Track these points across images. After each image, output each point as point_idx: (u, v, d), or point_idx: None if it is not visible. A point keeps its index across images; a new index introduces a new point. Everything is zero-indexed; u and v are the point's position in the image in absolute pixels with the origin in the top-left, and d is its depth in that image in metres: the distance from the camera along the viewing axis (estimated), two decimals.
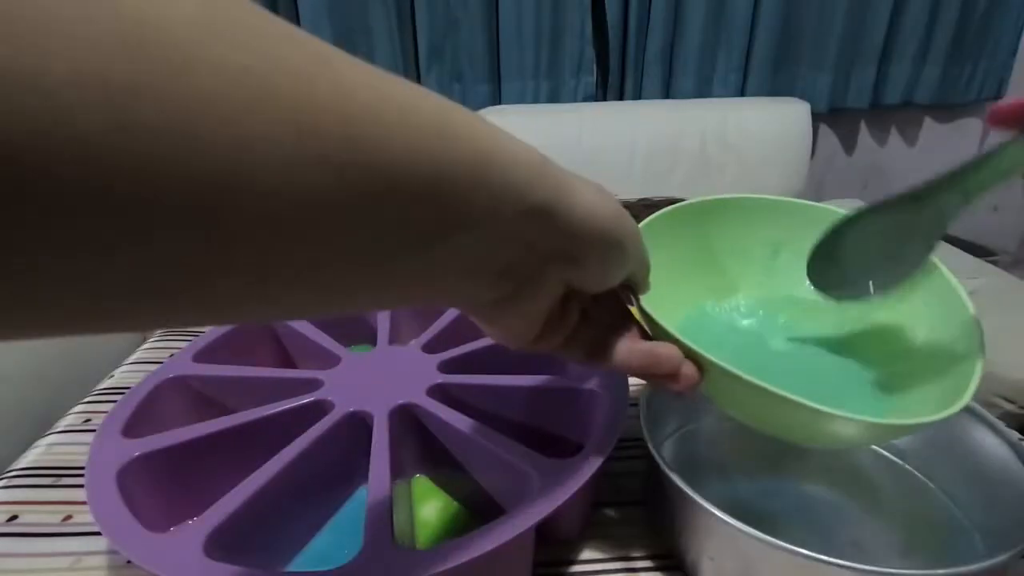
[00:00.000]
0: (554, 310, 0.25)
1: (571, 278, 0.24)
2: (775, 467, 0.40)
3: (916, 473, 0.40)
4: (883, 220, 0.29)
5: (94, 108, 0.10)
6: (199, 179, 0.11)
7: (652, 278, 0.29)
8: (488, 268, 0.20)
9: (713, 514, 0.29)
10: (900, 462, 0.40)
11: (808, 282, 0.33)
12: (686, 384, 0.27)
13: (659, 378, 0.27)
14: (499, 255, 0.20)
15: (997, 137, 0.25)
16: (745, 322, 0.38)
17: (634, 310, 0.30)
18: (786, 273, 0.37)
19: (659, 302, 0.29)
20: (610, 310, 0.29)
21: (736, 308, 0.38)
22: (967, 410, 0.37)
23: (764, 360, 0.36)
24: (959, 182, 0.26)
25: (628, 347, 0.27)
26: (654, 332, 0.29)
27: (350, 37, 1.38)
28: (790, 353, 0.36)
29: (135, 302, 0.13)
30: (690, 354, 0.27)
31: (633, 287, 0.29)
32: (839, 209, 0.34)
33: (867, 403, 0.32)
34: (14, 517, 0.38)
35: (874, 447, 0.41)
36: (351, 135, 0.13)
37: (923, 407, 0.27)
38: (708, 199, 0.37)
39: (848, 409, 0.24)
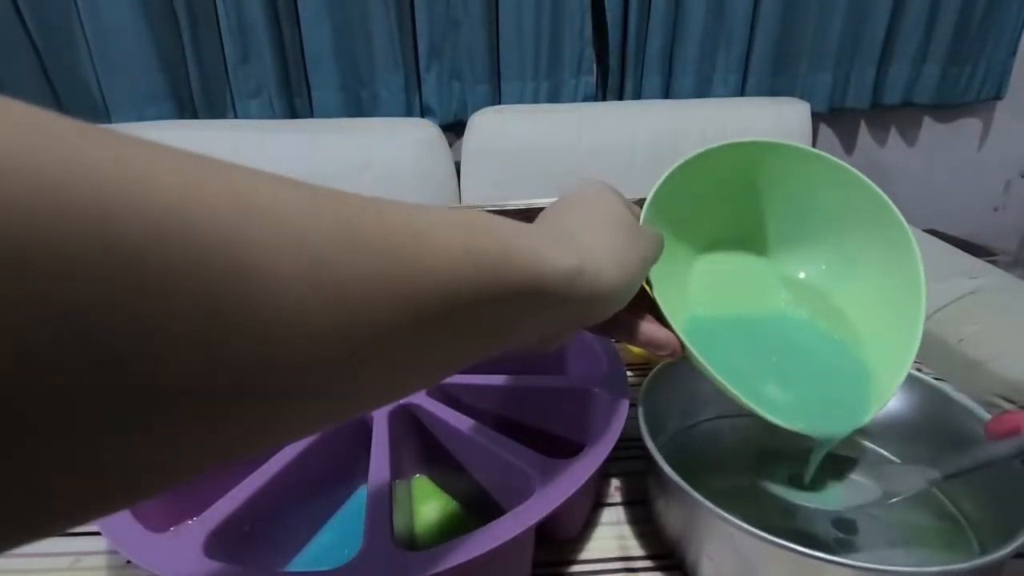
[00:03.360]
0: None
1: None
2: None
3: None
4: None
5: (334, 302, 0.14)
6: (364, 327, 0.15)
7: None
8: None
9: (713, 513, 0.29)
10: (899, 461, 0.40)
11: None
12: (673, 359, 0.32)
13: (658, 356, 0.32)
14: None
15: (997, 137, 0.27)
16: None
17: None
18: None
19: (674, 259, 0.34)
20: None
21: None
22: (967, 410, 0.37)
23: (762, 337, 0.38)
24: None
25: (638, 328, 0.32)
26: (656, 312, 0.32)
27: (350, 37, 1.38)
28: (790, 336, 0.38)
29: (332, 415, 0.17)
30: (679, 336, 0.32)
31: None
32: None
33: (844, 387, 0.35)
34: None
35: (871, 445, 0.41)
36: (427, 285, 0.17)
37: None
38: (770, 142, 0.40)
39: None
